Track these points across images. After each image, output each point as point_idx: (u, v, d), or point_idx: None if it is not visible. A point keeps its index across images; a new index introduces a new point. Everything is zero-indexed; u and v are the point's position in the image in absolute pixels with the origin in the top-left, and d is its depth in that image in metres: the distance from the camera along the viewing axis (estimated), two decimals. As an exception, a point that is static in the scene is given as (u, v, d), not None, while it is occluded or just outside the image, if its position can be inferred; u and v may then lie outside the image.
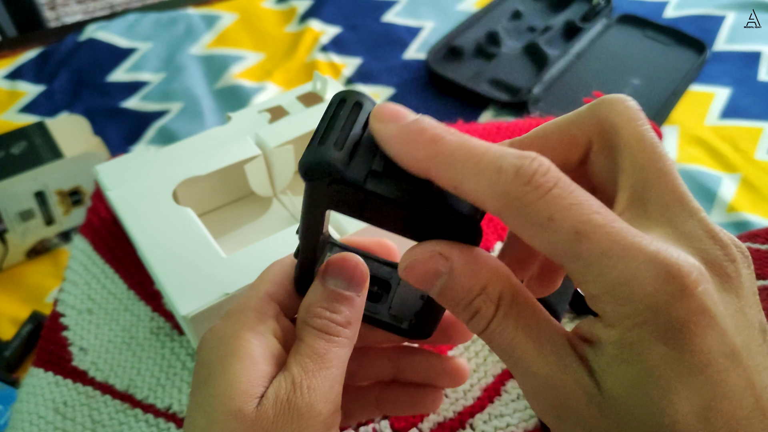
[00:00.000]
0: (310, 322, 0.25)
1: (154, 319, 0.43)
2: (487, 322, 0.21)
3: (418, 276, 0.22)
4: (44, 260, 0.52)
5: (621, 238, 0.18)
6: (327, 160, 0.20)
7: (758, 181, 0.55)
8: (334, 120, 0.21)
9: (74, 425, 0.39)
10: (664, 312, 0.18)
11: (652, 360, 0.18)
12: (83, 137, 0.54)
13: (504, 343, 0.21)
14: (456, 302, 0.21)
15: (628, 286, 0.18)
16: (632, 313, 0.18)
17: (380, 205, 0.21)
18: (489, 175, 0.19)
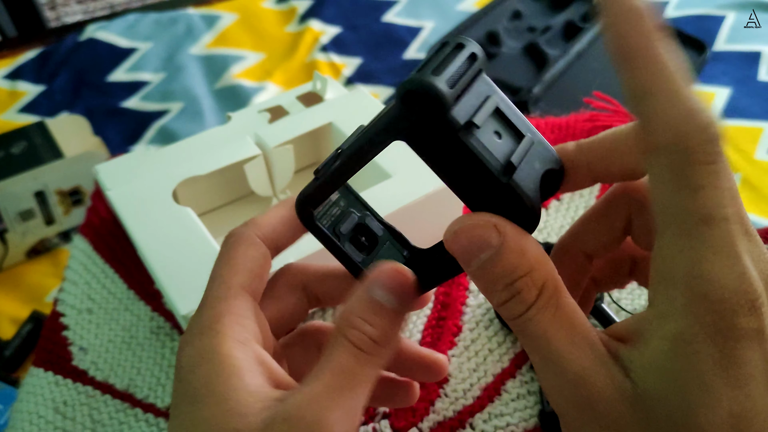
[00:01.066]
0: (345, 332, 0.22)
1: (154, 319, 0.44)
2: (526, 306, 0.20)
3: (466, 243, 0.21)
4: (44, 260, 0.52)
5: (734, 242, 0.18)
6: (440, 92, 0.19)
7: (758, 180, 0.55)
8: (448, 59, 0.20)
9: (74, 425, 0.39)
10: (729, 321, 0.18)
11: (705, 361, 0.18)
12: (83, 137, 0.54)
13: (538, 333, 0.20)
14: (497, 280, 0.20)
15: (711, 286, 0.18)
16: (701, 312, 0.18)
17: (460, 158, 0.20)
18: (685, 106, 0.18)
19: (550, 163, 0.22)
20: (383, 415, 0.37)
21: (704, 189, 0.18)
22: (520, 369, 0.40)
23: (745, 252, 0.19)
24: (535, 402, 0.38)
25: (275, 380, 0.23)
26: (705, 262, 0.18)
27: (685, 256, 0.18)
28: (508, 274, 0.20)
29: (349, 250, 0.27)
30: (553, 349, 0.20)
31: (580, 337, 0.20)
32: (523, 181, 0.20)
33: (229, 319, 0.23)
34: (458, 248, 0.21)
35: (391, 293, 0.23)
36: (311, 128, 0.47)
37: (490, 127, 0.21)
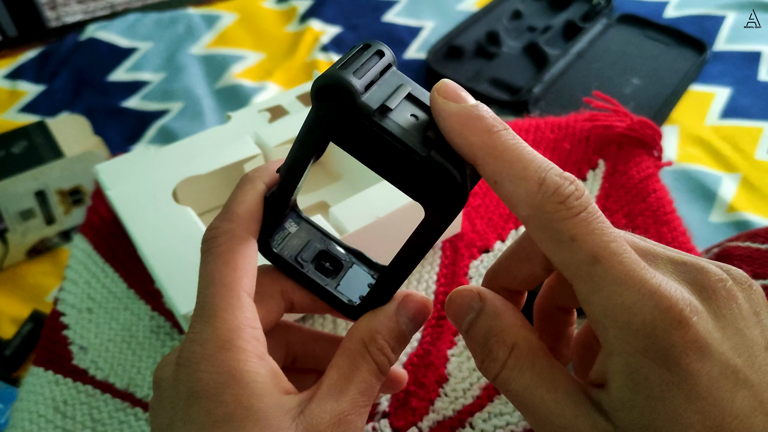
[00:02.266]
0: (373, 353, 0.24)
1: (154, 318, 0.44)
2: (499, 365, 0.22)
3: (456, 307, 0.23)
4: (44, 259, 0.53)
5: (631, 268, 0.20)
6: (346, 81, 0.21)
7: (758, 181, 0.55)
8: (355, 57, 0.22)
9: (74, 424, 0.39)
10: (663, 340, 0.19)
11: (657, 386, 0.19)
12: (84, 137, 0.54)
13: (519, 391, 0.22)
14: (475, 340, 0.23)
15: (630, 314, 0.19)
16: (633, 340, 0.19)
17: (381, 142, 0.21)
18: (530, 183, 0.20)
19: None
20: (383, 414, 0.37)
21: (576, 238, 0.20)
22: (519, 368, 0.40)
23: (652, 270, 0.20)
24: (534, 401, 0.38)
25: (285, 390, 0.23)
26: (613, 296, 0.19)
27: (596, 297, 0.20)
28: (483, 334, 0.23)
29: (313, 276, 0.27)
30: (537, 406, 0.21)
31: (561, 392, 0.21)
32: (445, 155, 0.21)
33: (247, 333, 0.23)
34: (451, 313, 0.24)
35: (414, 325, 0.25)
36: (311, 128, 0.47)
37: (406, 111, 0.22)
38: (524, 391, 0.21)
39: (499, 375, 0.22)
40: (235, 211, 0.25)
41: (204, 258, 0.24)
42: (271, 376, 0.22)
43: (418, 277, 0.45)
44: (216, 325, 0.22)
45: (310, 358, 0.29)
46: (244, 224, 0.25)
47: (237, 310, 0.23)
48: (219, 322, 0.22)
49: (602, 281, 0.19)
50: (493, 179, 0.21)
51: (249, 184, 0.26)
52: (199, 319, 0.23)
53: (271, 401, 0.22)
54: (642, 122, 0.51)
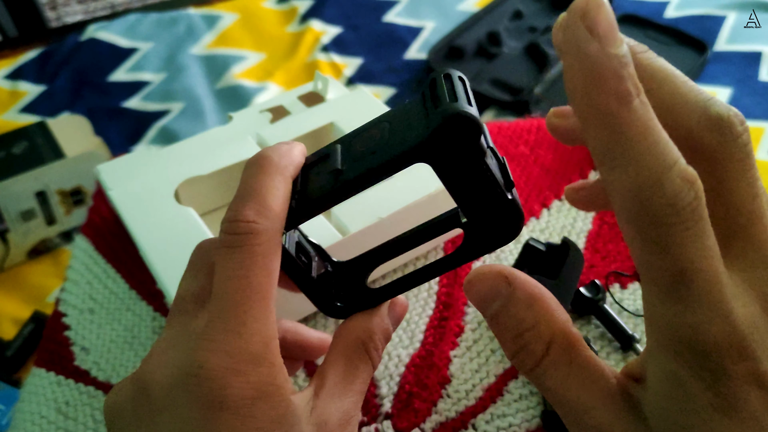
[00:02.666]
0: (371, 353, 0.25)
1: (156, 319, 0.43)
2: (535, 360, 0.20)
3: (479, 291, 0.21)
4: (45, 260, 0.52)
5: (716, 293, 0.18)
6: (477, 119, 0.20)
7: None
8: (455, 89, 0.21)
9: (76, 425, 0.39)
10: (719, 363, 0.18)
11: (701, 404, 0.18)
12: (84, 137, 0.54)
13: (554, 387, 0.20)
14: (506, 330, 0.21)
15: (693, 333, 0.18)
16: (688, 356, 0.18)
17: (477, 177, 0.21)
18: (647, 178, 0.17)
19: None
20: (386, 415, 0.37)
21: (672, 248, 0.17)
22: (522, 369, 0.40)
23: (729, 297, 0.18)
24: (537, 402, 0.38)
25: (292, 390, 0.23)
26: (683, 314, 0.18)
27: (665, 309, 0.18)
28: (515, 325, 0.20)
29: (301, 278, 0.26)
30: (572, 404, 0.20)
31: (598, 391, 0.20)
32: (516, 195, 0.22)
33: (275, 345, 0.22)
34: (473, 297, 0.21)
35: (395, 327, 0.26)
36: (313, 128, 0.47)
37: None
38: (559, 387, 0.20)
39: (533, 370, 0.21)
40: (271, 207, 0.22)
41: (235, 255, 0.22)
42: (289, 384, 0.22)
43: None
44: (247, 338, 0.21)
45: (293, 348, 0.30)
46: (280, 224, 0.23)
47: (269, 322, 0.22)
48: (251, 335, 0.21)
49: (685, 299, 0.18)
50: (600, 161, 0.18)
51: (279, 174, 0.23)
52: (223, 325, 0.21)
53: (295, 412, 0.22)
54: (643, 122, 0.51)
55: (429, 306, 0.43)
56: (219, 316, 0.21)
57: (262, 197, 0.22)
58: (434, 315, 0.42)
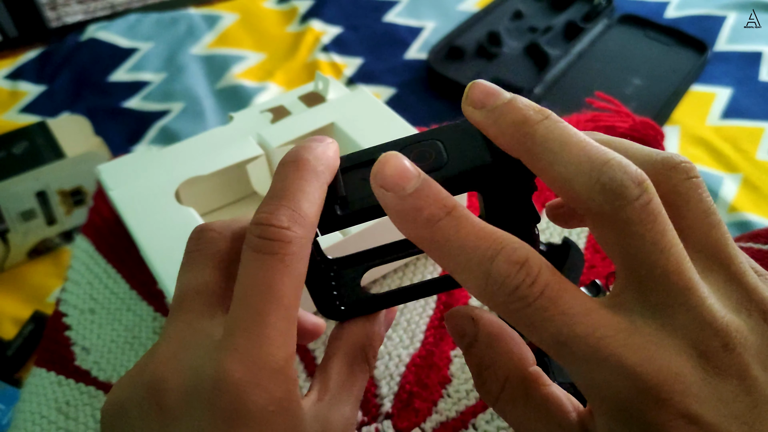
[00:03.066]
0: (370, 360, 0.25)
1: (157, 319, 0.43)
2: (493, 397, 0.22)
3: (453, 328, 0.23)
4: (46, 260, 0.52)
5: (601, 348, 0.18)
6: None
7: (759, 181, 0.56)
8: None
9: (77, 425, 0.39)
10: (640, 417, 0.18)
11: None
12: (84, 137, 0.54)
13: (514, 422, 0.21)
14: (471, 365, 0.23)
15: (605, 391, 0.18)
16: (613, 413, 0.18)
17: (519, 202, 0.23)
18: (478, 276, 0.19)
19: None
20: (386, 415, 0.37)
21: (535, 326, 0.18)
22: (522, 369, 0.40)
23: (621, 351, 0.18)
24: (537, 402, 0.38)
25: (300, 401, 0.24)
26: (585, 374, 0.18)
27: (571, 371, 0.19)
28: (477, 363, 0.22)
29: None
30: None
31: (555, 426, 0.21)
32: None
33: (293, 358, 0.21)
34: (450, 331, 0.23)
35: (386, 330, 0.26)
36: (313, 128, 0.47)
37: None
38: (518, 423, 0.21)
39: (494, 405, 0.22)
40: (307, 214, 0.21)
41: (265, 261, 0.21)
42: (300, 394, 0.22)
43: (420, 277, 0.45)
44: (271, 351, 0.20)
45: None
46: (313, 233, 0.22)
47: (292, 335, 0.21)
48: (275, 348, 0.20)
49: (572, 362, 0.18)
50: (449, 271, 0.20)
51: (315, 179, 0.22)
52: (247, 335, 0.20)
53: (306, 422, 0.22)
54: (644, 123, 0.51)
55: (429, 306, 0.43)
56: (242, 325, 0.20)
57: (298, 203, 0.21)
58: (435, 315, 0.42)
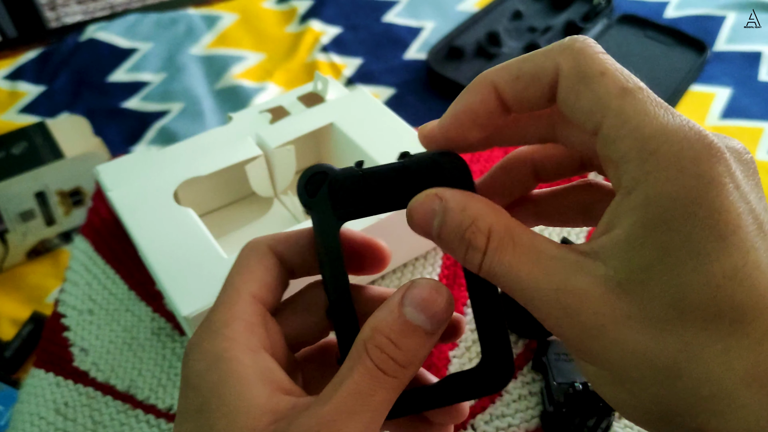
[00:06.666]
0: (370, 350, 0.21)
1: (155, 320, 0.43)
2: (480, 253, 0.21)
3: (420, 218, 0.22)
4: (45, 261, 0.52)
5: (658, 103, 0.19)
6: (319, 168, 0.23)
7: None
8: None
9: (75, 426, 0.39)
10: (691, 169, 0.17)
11: (679, 218, 0.17)
12: (84, 137, 0.54)
13: (506, 272, 0.20)
14: (451, 239, 0.21)
15: (657, 140, 0.18)
16: (658, 169, 0.18)
17: (378, 181, 0.23)
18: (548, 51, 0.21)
19: None
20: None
21: (606, 72, 0.19)
22: (521, 370, 0.40)
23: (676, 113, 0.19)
24: (536, 402, 0.38)
25: (284, 391, 0.22)
26: (643, 125, 0.18)
27: (625, 130, 0.19)
28: (456, 230, 0.21)
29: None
30: (526, 281, 0.20)
31: (546, 259, 0.20)
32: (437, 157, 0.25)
33: (239, 326, 0.22)
34: (417, 226, 0.23)
35: (424, 314, 0.21)
36: (312, 129, 0.47)
37: None
38: (509, 271, 0.20)
39: (482, 264, 0.21)
40: (276, 234, 0.26)
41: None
42: (259, 369, 0.22)
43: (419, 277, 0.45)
44: (213, 317, 0.23)
45: None
46: (273, 242, 0.25)
47: (235, 305, 0.23)
48: (217, 314, 0.23)
49: (632, 111, 0.19)
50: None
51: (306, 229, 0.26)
52: (206, 315, 0.24)
53: (249, 395, 0.21)
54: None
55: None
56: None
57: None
58: (434, 315, 0.42)
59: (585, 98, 0.20)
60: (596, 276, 0.19)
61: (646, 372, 0.18)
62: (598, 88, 0.19)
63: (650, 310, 0.18)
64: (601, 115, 0.19)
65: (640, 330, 0.18)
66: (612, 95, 0.19)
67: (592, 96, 0.19)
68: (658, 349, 0.18)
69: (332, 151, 0.50)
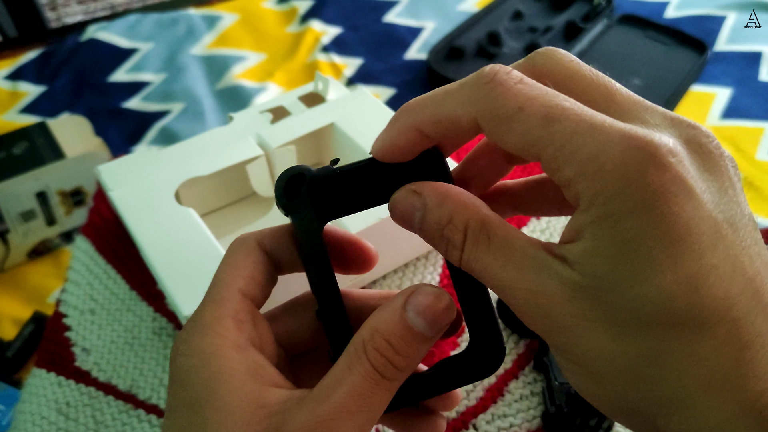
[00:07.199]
0: (369, 353, 0.21)
1: (157, 320, 0.43)
2: (459, 250, 0.21)
3: (400, 214, 0.23)
4: (46, 261, 0.52)
5: (590, 118, 0.19)
6: (297, 170, 0.23)
7: (759, 181, 0.56)
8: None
9: (77, 426, 0.39)
10: (637, 181, 0.18)
11: (630, 230, 0.18)
12: (84, 137, 0.54)
13: (482, 268, 0.21)
14: (432, 235, 0.22)
15: (598, 160, 0.18)
16: (605, 188, 0.18)
17: (355, 178, 0.23)
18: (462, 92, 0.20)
19: None
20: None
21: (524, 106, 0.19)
22: (522, 370, 0.40)
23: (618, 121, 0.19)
24: (538, 402, 0.38)
25: (275, 386, 0.22)
26: (578, 148, 0.18)
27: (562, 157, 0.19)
28: (436, 227, 0.22)
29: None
30: (500, 278, 0.20)
31: (520, 256, 0.20)
32: None
33: (229, 323, 0.22)
34: (399, 221, 0.23)
35: (426, 321, 0.22)
36: (313, 129, 0.47)
37: None
38: (487, 267, 0.21)
39: (461, 260, 0.21)
40: (263, 229, 0.26)
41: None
42: (249, 365, 0.22)
43: (420, 278, 0.45)
44: (202, 313, 0.23)
45: None
46: (261, 237, 0.25)
47: (225, 302, 0.23)
48: (206, 310, 0.23)
49: (562, 138, 0.18)
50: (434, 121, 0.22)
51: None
52: (195, 311, 0.24)
53: (240, 390, 0.21)
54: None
55: (429, 306, 0.43)
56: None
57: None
58: (435, 315, 0.42)
59: (511, 138, 0.19)
60: (564, 279, 0.19)
61: (610, 370, 0.19)
62: (519, 126, 0.19)
63: (611, 315, 0.19)
64: (535, 148, 0.19)
65: (604, 331, 0.19)
66: (537, 127, 0.19)
67: (517, 135, 0.19)
68: (621, 351, 0.19)
69: (333, 151, 0.50)
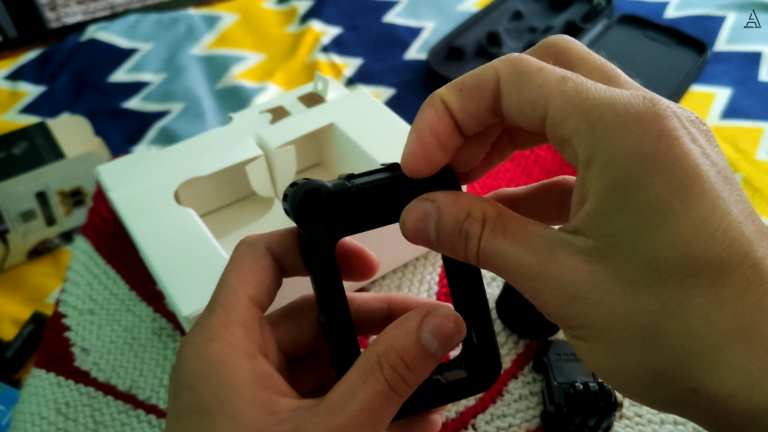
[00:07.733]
0: (385, 369, 0.22)
1: (156, 320, 0.43)
2: (477, 239, 0.21)
3: (414, 223, 0.23)
4: (45, 261, 0.52)
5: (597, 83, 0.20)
6: (313, 185, 0.23)
7: (759, 181, 0.55)
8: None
9: (76, 426, 0.39)
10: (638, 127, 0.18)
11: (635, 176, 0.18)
12: (84, 138, 0.54)
13: (498, 252, 0.21)
14: (450, 234, 0.22)
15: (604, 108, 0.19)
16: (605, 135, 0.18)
17: (370, 197, 0.23)
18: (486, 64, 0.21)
19: None
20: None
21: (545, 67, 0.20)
22: (522, 369, 0.40)
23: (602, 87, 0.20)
24: (537, 402, 0.38)
25: (282, 394, 0.22)
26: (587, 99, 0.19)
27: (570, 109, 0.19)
28: (454, 224, 0.22)
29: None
30: (512, 257, 0.21)
31: (535, 237, 0.20)
32: None
33: (238, 330, 0.22)
34: (413, 236, 0.23)
35: (439, 342, 0.22)
36: (313, 129, 0.47)
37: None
38: (499, 251, 0.21)
39: (479, 251, 0.21)
40: (269, 232, 0.25)
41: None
42: (259, 373, 0.22)
43: (420, 278, 0.45)
44: (210, 318, 0.23)
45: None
46: (268, 241, 0.25)
47: (233, 309, 0.23)
48: (214, 316, 0.23)
49: (574, 91, 0.19)
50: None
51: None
52: (202, 315, 0.24)
53: (250, 398, 0.21)
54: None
55: (429, 306, 0.43)
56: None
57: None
58: (434, 315, 0.42)
59: (527, 91, 0.20)
60: (577, 248, 0.19)
61: (627, 333, 0.19)
62: (537, 78, 0.20)
63: (625, 272, 0.18)
64: (544, 101, 0.20)
65: (617, 292, 0.19)
66: (552, 82, 0.20)
67: (533, 87, 0.20)
68: (637, 309, 0.18)
69: (332, 152, 0.50)
